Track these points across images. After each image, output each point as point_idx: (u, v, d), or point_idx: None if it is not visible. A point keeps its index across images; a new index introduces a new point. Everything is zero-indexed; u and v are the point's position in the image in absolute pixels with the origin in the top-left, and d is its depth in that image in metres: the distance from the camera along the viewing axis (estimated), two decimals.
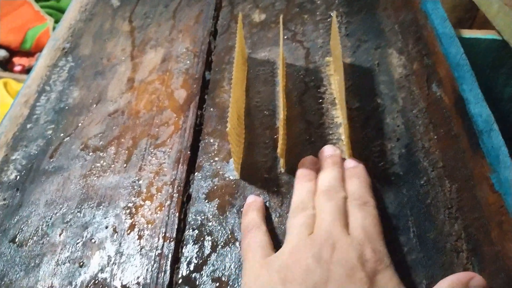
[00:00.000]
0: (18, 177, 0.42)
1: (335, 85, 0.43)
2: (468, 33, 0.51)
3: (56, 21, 1.37)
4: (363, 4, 0.53)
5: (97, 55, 0.54)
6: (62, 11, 1.43)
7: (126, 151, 0.42)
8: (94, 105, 0.47)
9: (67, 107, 0.48)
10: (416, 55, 0.45)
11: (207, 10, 0.57)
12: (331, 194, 0.33)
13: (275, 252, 0.31)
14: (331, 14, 0.52)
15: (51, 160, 0.43)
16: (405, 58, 0.45)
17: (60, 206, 0.39)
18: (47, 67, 0.53)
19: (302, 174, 0.36)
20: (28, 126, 0.47)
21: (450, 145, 0.37)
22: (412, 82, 0.42)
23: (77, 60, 0.53)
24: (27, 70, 1.30)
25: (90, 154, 0.43)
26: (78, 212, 0.38)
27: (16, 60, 1.29)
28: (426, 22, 0.45)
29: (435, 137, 0.38)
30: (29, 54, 1.33)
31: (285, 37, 0.50)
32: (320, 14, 0.52)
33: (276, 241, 0.33)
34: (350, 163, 0.36)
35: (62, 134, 0.45)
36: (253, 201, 0.35)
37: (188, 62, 0.50)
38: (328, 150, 0.37)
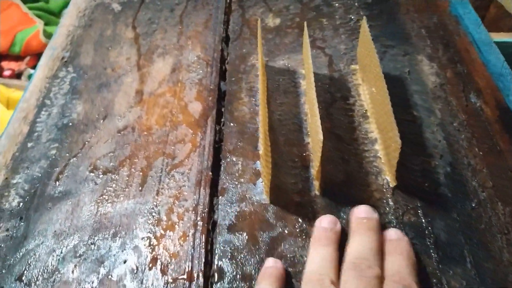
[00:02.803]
0: (21, 204, 0.38)
1: (365, 96, 0.40)
2: (495, 37, 0.48)
3: (46, 24, 1.32)
4: (384, 6, 0.50)
5: (100, 65, 0.50)
6: (51, 12, 1.38)
7: (141, 173, 0.38)
8: (101, 121, 0.43)
9: (71, 123, 0.44)
10: (447, 62, 0.42)
11: (216, 14, 0.53)
12: (362, 269, 0.27)
13: None
14: (352, 17, 0.49)
15: (57, 184, 0.39)
16: (437, 65, 0.42)
17: (71, 237, 0.35)
18: (46, 78, 0.49)
19: (318, 236, 0.30)
20: (29, 145, 0.43)
21: (497, 162, 0.34)
22: (447, 92, 0.40)
23: (79, 71, 0.49)
24: (17, 75, 1.25)
25: (101, 176, 0.39)
26: (91, 244, 0.34)
27: (5, 64, 1.24)
28: (458, 27, 0.43)
29: (480, 153, 0.35)
30: (19, 58, 1.27)
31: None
32: (340, 18, 0.49)
33: None
34: (393, 234, 0.30)
35: (67, 154, 0.41)
36: (271, 267, 0.30)
37: (201, 71, 0.46)
38: (363, 211, 0.31)
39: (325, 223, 0.31)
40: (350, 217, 0.31)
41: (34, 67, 1.26)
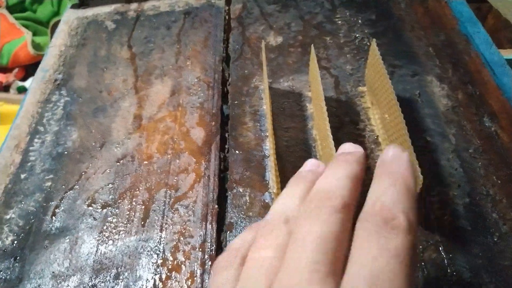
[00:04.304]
0: (16, 242, 0.36)
1: (375, 121, 0.39)
2: (504, 54, 0.47)
3: (34, 34, 1.28)
4: (388, 23, 0.48)
5: (95, 88, 0.47)
6: (39, 22, 1.34)
7: (142, 206, 0.36)
8: (98, 149, 0.41)
9: (66, 152, 0.42)
10: (458, 83, 0.41)
11: (215, 32, 0.51)
12: (322, 201, 0.19)
13: None
14: (357, 35, 0.47)
15: (54, 219, 0.37)
16: (448, 86, 0.41)
17: (70, 279, 0.33)
18: (38, 103, 0.47)
19: (293, 179, 0.24)
20: (22, 176, 0.40)
21: None
22: (460, 115, 0.38)
23: (73, 94, 0.47)
24: (4, 87, 1.22)
25: (99, 210, 0.37)
26: (92, 286, 0.32)
27: None
28: (469, 47, 0.41)
29: (499, 181, 0.33)
30: (6, 70, 1.24)
31: (308, 63, 0.45)
32: (344, 36, 0.48)
33: None
34: (386, 154, 0.22)
35: (63, 186, 0.39)
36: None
37: (202, 94, 0.44)
38: (343, 148, 0.24)
39: (306, 166, 0.25)
40: None
41: (22, 79, 1.24)
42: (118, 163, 0.40)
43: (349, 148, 0.24)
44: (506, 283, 0.29)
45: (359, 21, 0.49)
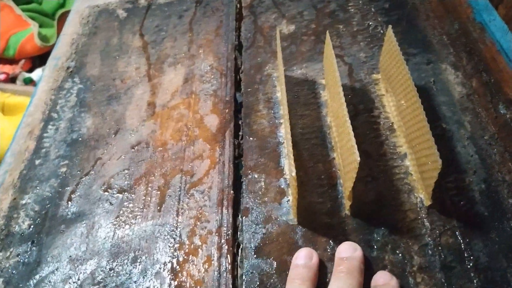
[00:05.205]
0: (32, 226, 0.36)
1: (390, 108, 0.39)
2: None
3: (40, 25, 1.28)
4: (402, 12, 0.48)
5: (108, 76, 0.48)
6: (45, 14, 1.34)
7: (158, 192, 0.37)
8: (113, 136, 0.41)
9: (80, 139, 0.42)
10: (472, 71, 0.41)
11: (227, 21, 0.51)
12: None
13: None
14: (370, 23, 0.47)
15: (69, 204, 0.37)
16: (462, 74, 0.41)
17: (88, 262, 0.33)
18: (51, 90, 0.47)
19: (292, 275, 0.29)
20: (37, 162, 0.41)
21: None
22: (475, 103, 0.38)
23: (86, 82, 0.47)
24: (11, 79, 1.22)
25: (115, 195, 0.37)
26: (110, 270, 0.32)
27: None
28: (483, 35, 0.41)
29: None
30: (13, 61, 1.25)
31: (322, 51, 0.45)
32: (357, 24, 0.47)
33: None
34: (379, 278, 0.28)
35: (78, 172, 0.39)
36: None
37: (215, 82, 0.44)
38: (342, 250, 0.30)
39: (299, 259, 0.30)
40: (335, 256, 0.30)
41: (29, 70, 1.24)
42: (132, 150, 0.40)
43: (347, 251, 0.29)
44: None
45: (372, 9, 0.49)
